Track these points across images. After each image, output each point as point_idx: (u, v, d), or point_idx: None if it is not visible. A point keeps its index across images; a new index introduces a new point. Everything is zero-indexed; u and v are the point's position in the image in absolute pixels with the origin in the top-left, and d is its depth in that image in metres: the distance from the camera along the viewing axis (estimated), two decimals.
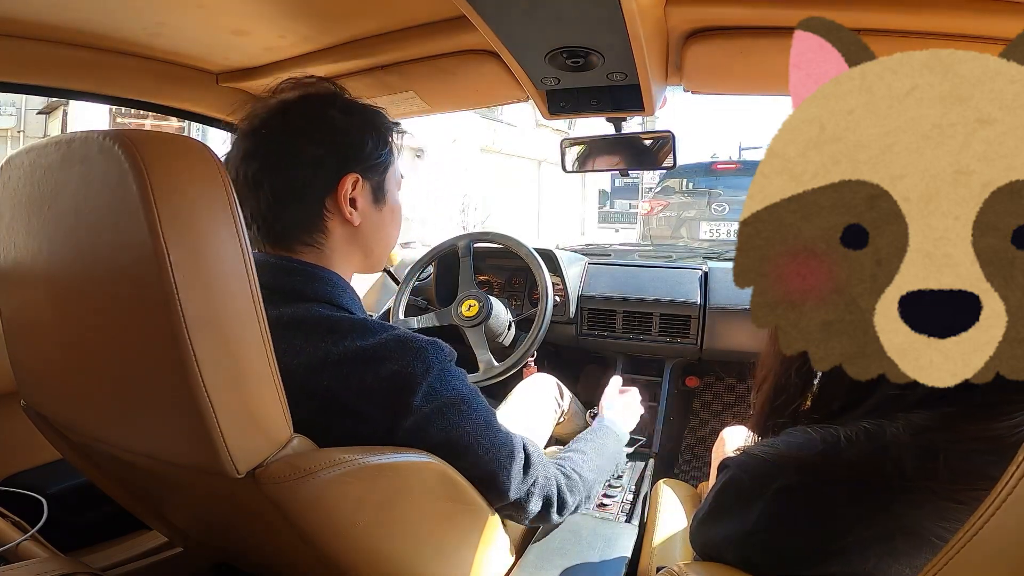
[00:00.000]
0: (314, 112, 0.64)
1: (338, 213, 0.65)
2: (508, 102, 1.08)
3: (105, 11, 0.79)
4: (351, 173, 0.64)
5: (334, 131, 0.64)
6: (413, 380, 0.58)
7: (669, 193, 5.78)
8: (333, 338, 0.59)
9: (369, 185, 0.67)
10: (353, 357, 0.58)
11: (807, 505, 0.41)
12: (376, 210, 0.68)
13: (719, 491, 0.48)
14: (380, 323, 0.63)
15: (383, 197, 0.69)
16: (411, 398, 0.58)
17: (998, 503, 0.30)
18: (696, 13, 0.77)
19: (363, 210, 0.66)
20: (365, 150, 0.66)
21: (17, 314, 0.57)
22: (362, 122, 0.66)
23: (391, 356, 0.58)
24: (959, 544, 0.31)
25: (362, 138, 0.66)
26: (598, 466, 0.88)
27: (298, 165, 0.62)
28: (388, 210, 0.70)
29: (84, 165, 0.43)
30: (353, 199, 0.65)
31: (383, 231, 0.70)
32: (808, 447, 0.42)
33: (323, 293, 0.63)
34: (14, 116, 7.68)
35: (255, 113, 0.65)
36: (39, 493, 0.83)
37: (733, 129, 73.39)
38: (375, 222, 0.69)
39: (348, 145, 0.65)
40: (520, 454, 0.68)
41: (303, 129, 0.63)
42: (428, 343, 0.61)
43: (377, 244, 0.71)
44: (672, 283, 1.50)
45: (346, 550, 0.54)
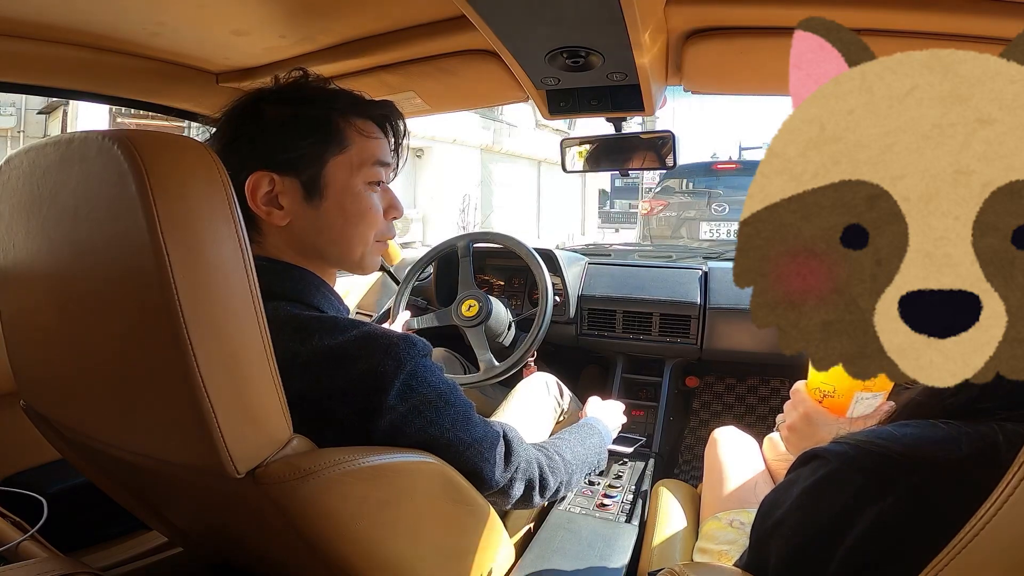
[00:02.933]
0: (246, 108, 0.62)
1: (259, 213, 0.61)
2: (508, 102, 1.08)
3: (105, 11, 0.79)
4: (257, 171, 0.60)
5: (247, 128, 0.61)
6: (385, 379, 0.56)
7: (669, 193, 5.78)
8: (300, 337, 0.56)
9: (298, 181, 0.61)
10: (322, 357, 0.56)
11: (947, 506, 0.35)
12: (311, 207, 0.62)
13: (813, 488, 0.41)
14: (349, 320, 0.60)
15: (319, 192, 0.62)
16: (384, 397, 0.56)
17: (999, 504, 0.30)
18: (696, 13, 0.77)
19: (291, 209, 0.61)
20: (279, 144, 0.60)
21: (17, 314, 0.57)
22: (293, 112, 0.62)
23: (361, 354, 0.56)
24: (960, 544, 0.31)
25: (280, 130, 0.61)
26: (579, 454, 0.86)
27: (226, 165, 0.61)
28: (333, 205, 0.63)
29: (83, 165, 0.43)
30: (275, 198, 0.61)
31: (329, 230, 0.63)
32: (947, 444, 0.36)
33: (292, 291, 0.61)
34: (14, 116, 7.69)
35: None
36: (39, 493, 0.83)
37: (733, 129, 73.45)
38: (312, 220, 0.62)
39: (257, 142, 0.61)
40: (500, 444, 0.67)
41: (230, 129, 0.62)
42: (399, 338, 0.58)
43: (329, 243, 0.64)
44: (672, 283, 1.50)
45: (346, 550, 0.54)
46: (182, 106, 1.10)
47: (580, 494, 1.08)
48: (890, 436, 0.39)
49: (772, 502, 0.45)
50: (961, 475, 0.35)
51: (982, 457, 0.35)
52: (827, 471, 0.41)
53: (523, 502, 0.73)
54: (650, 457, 1.27)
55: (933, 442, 0.37)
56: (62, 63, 0.89)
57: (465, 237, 1.43)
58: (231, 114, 0.64)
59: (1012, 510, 0.29)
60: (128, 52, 0.91)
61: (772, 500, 0.46)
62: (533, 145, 10.83)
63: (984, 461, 0.34)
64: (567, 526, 0.95)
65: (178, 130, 3.68)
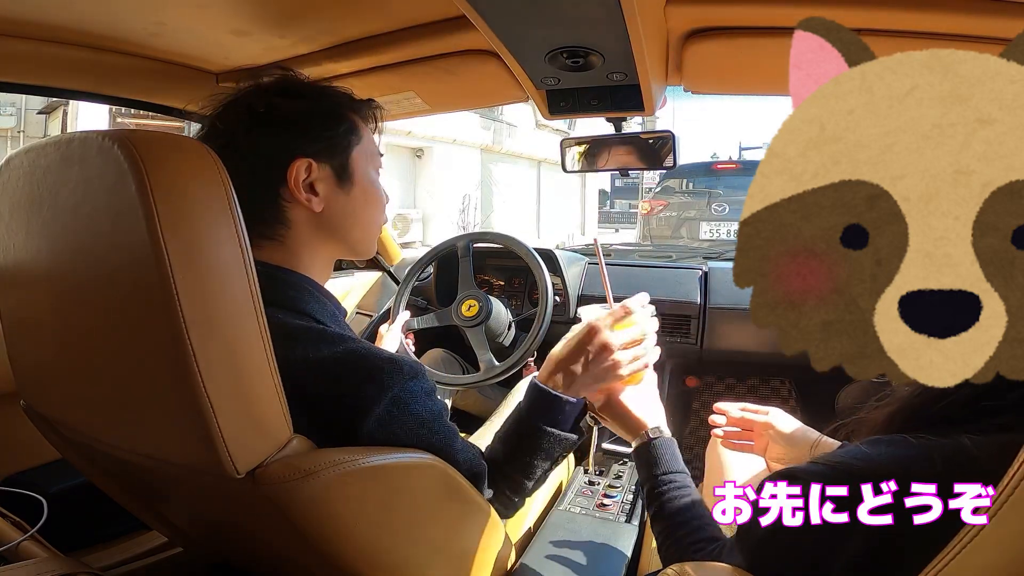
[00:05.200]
0: (259, 101, 0.63)
1: (296, 201, 0.62)
2: (508, 102, 1.08)
3: (105, 11, 0.79)
4: (300, 158, 0.61)
5: (276, 118, 0.62)
6: (366, 402, 0.55)
7: (669, 193, 5.79)
8: (287, 345, 0.54)
9: (329, 167, 0.64)
10: (305, 369, 0.54)
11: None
12: (343, 193, 0.65)
13: None
14: (338, 334, 0.58)
15: (349, 178, 0.65)
16: (363, 422, 0.55)
17: (998, 505, 0.30)
18: (696, 13, 0.77)
19: (326, 195, 0.64)
20: (313, 132, 0.63)
21: (17, 314, 0.57)
22: (310, 105, 0.64)
23: (343, 374, 0.55)
24: (960, 545, 0.31)
25: (309, 121, 0.63)
26: (535, 467, 0.69)
27: (247, 157, 0.60)
28: (360, 191, 0.66)
29: (83, 165, 0.43)
30: (311, 184, 0.63)
31: (356, 214, 0.67)
32: (921, 461, 0.37)
33: (283, 298, 0.60)
34: (14, 116, 7.68)
35: (214, 106, 0.64)
36: (39, 493, 0.83)
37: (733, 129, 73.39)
38: (343, 206, 0.65)
39: (294, 130, 0.62)
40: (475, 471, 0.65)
41: (249, 121, 0.62)
42: (385, 360, 0.57)
43: (353, 228, 0.67)
44: (672, 283, 1.50)
45: (346, 550, 0.54)
46: (182, 106, 1.10)
47: (580, 494, 1.08)
48: (863, 456, 0.39)
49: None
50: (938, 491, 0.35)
51: (959, 470, 0.34)
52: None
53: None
54: None
55: (907, 460, 0.37)
56: (62, 63, 0.89)
57: (465, 237, 1.43)
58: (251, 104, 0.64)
59: (1013, 511, 0.29)
60: (128, 52, 0.91)
61: None
62: (533, 145, 10.82)
63: (962, 475, 0.34)
64: (567, 526, 0.95)
65: (178, 130, 3.68)
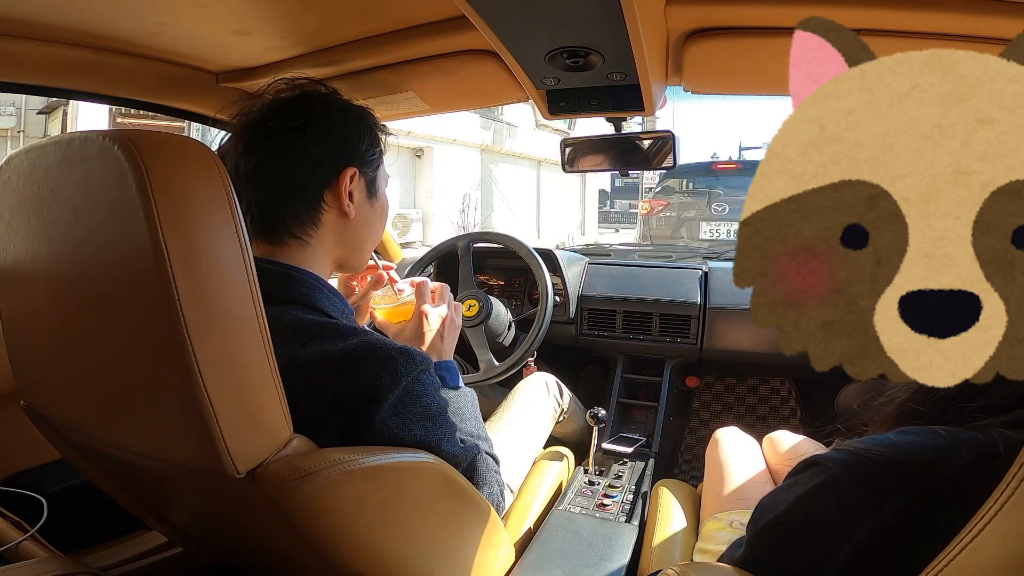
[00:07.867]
0: (313, 110, 0.66)
1: (335, 206, 0.67)
2: (508, 102, 1.08)
3: (105, 11, 0.79)
4: (350, 167, 0.67)
5: (332, 128, 0.66)
6: (380, 392, 0.57)
7: (669, 193, 5.78)
8: (301, 340, 0.58)
9: (364, 180, 0.70)
10: (320, 362, 0.57)
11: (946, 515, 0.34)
12: (369, 205, 0.71)
13: (810, 494, 0.41)
14: (352, 327, 0.62)
15: (376, 192, 0.72)
16: (376, 410, 0.57)
17: (998, 506, 0.30)
18: (696, 13, 0.77)
19: (358, 204, 0.69)
20: (361, 147, 0.69)
21: (17, 314, 0.57)
22: (357, 120, 0.70)
23: (359, 364, 0.57)
24: (960, 545, 0.31)
25: (359, 135, 0.69)
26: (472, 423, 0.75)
27: (299, 161, 0.64)
28: (379, 206, 0.73)
29: (84, 165, 0.43)
30: (351, 192, 0.68)
31: (372, 226, 0.73)
32: (947, 452, 0.36)
33: (297, 295, 0.63)
34: (14, 116, 7.67)
35: (252, 109, 0.66)
36: (39, 493, 0.83)
37: (733, 129, 73.38)
38: (367, 216, 0.71)
39: (346, 142, 0.67)
40: (472, 463, 0.69)
41: (304, 126, 0.65)
42: (398, 351, 0.59)
43: (367, 238, 0.73)
44: (672, 283, 1.50)
45: (346, 550, 0.54)
46: (182, 106, 1.10)
47: (580, 494, 1.08)
48: (890, 444, 0.39)
49: (768, 505, 0.45)
50: (961, 483, 0.35)
51: (983, 465, 0.35)
52: (826, 478, 0.41)
53: None
54: (650, 457, 1.27)
55: (933, 450, 0.37)
56: (62, 63, 0.89)
57: (465, 237, 1.43)
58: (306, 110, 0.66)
59: (1013, 512, 0.29)
60: (128, 52, 0.91)
61: (768, 503, 0.46)
62: (533, 145, 10.82)
63: (985, 469, 0.34)
64: (567, 526, 0.95)
65: (178, 130, 3.68)
